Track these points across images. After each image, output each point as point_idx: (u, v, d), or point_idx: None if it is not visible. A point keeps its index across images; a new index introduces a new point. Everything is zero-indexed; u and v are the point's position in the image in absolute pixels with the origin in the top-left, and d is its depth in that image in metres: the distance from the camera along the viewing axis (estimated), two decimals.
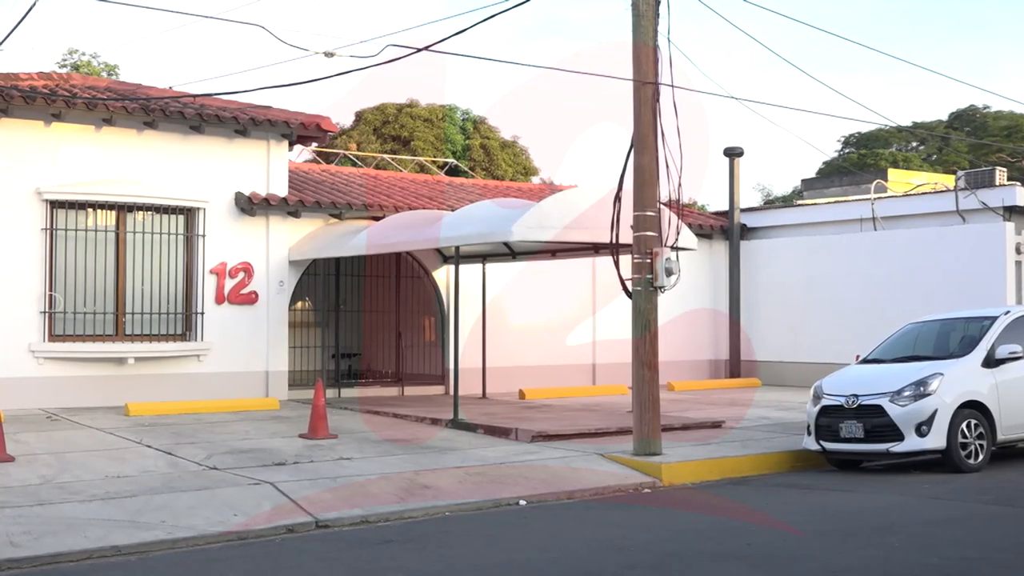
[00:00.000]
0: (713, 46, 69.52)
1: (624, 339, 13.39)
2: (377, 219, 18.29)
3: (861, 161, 46.04)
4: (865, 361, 13.48)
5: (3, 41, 14.08)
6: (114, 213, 16.87)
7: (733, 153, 23.76)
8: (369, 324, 20.99)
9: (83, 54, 38.23)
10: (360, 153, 30.48)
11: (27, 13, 11.82)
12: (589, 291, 21.26)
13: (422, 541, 8.71)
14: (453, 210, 17.98)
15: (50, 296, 16.13)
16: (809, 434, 12.61)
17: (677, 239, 12.74)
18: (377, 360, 21.34)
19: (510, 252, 18.02)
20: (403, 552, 8.32)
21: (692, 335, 22.80)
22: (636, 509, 10.35)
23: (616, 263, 12.59)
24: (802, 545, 8.48)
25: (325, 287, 19.77)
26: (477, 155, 38.68)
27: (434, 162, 30.16)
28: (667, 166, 12.26)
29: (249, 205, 17.58)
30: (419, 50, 12.66)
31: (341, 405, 17.07)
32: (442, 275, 19.76)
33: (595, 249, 16.20)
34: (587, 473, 11.44)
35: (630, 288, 12.34)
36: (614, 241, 12.52)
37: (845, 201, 23.71)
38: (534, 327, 20.59)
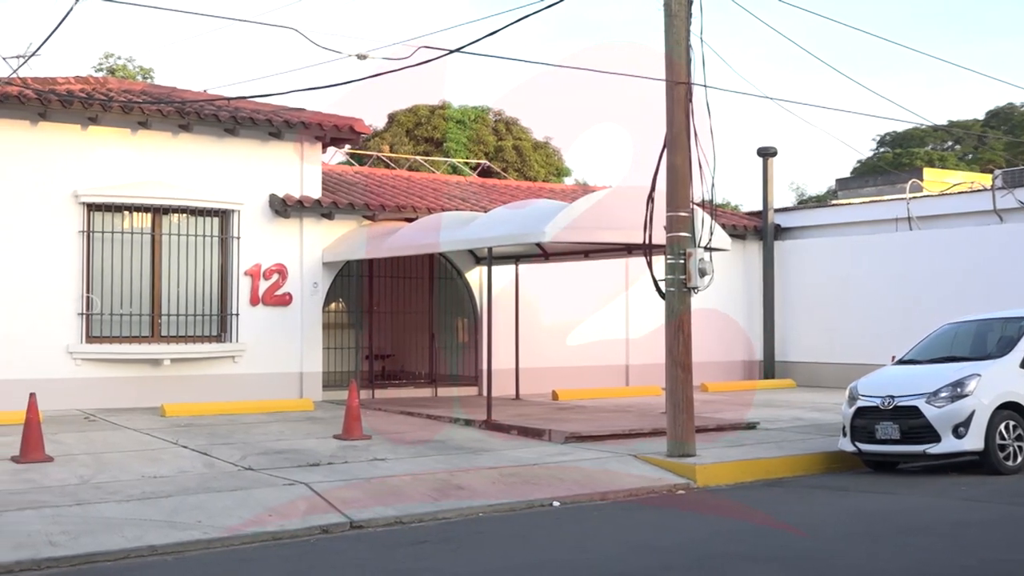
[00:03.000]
0: (746, 45, 69.28)
1: (657, 340, 13.36)
2: (410, 220, 18.33)
3: (896, 160, 45.70)
4: (901, 362, 13.38)
5: (40, 46, 14.22)
6: (150, 215, 17.00)
7: (767, 153, 23.65)
8: (402, 325, 21.02)
9: (119, 58, 38.56)
10: (393, 155, 30.56)
11: (64, 18, 11.94)
12: (622, 292, 21.22)
13: (456, 542, 8.72)
14: (486, 211, 17.98)
15: (87, 298, 16.28)
16: (844, 435, 12.53)
17: (710, 239, 12.67)
18: (410, 361, 21.39)
19: (543, 253, 18.01)
20: (437, 553, 8.33)
21: (726, 336, 22.71)
22: (670, 510, 10.32)
23: (649, 264, 12.56)
24: (836, 546, 8.42)
25: (359, 288, 19.83)
26: (509, 156, 38.67)
27: (467, 163, 30.20)
28: (700, 166, 12.23)
29: (283, 207, 17.67)
30: (451, 52, 12.68)
31: (375, 406, 17.12)
32: (475, 276, 19.78)
33: (628, 250, 16.16)
34: (621, 474, 11.42)
35: (663, 289, 12.29)
36: (647, 242, 12.48)
37: (880, 201, 23.54)
38: (567, 328, 20.57)
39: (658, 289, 12.40)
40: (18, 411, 12.16)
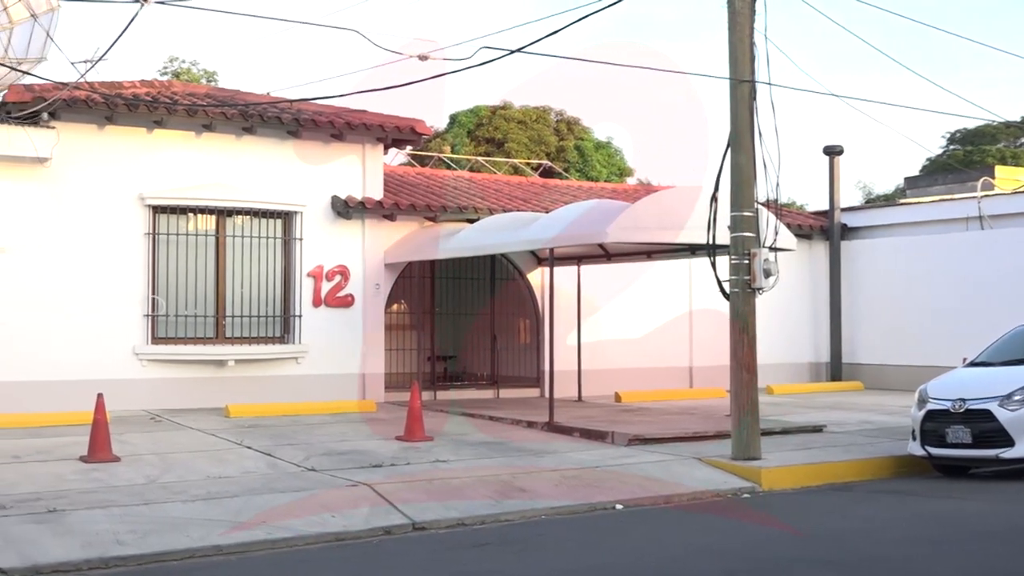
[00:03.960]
0: (811, 42, 68.56)
1: (722, 341, 13.29)
2: (472, 221, 18.38)
3: (967, 158, 44.96)
4: (973, 364, 13.16)
5: (107, 51, 14.43)
6: (214, 217, 17.22)
7: (833, 151, 23.40)
8: (464, 326, 21.08)
9: (183, 61, 39.14)
10: (454, 155, 30.69)
11: (129, 23, 12.12)
12: (686, 293, 21.10)
13: (518, 544, 8.73)
14: (548, 212, 17.98)
15: (153, 299, 16.53)
16: (914, 439, 12.35)
17: (775, 239, 12.58)
18: (472, 363, 21.45)
19: (605, 254, 17.97)
20: (500, 555, 8.35)
21: (791, 337, 22.50)
22: (735, 514, 10.25)
23: (713, 264, 12.48)
24: (903, 552, 8.31)
25: (420, 290, 19.93)
26: (571, 156, 38.64)
27: (528, 164, 30.22)
28: (764, 165, 12.14)
29: (345, 208, 17.81)
30: (512, 52, 12.70)
31: (437, 408, 17.18)
32: (537, 277, 19.79)
33: (691, 250, 16.08)
34: (685, 477, 11.36)
35: (727, 290, 12.22)
36: (711, 242, 12.40)
37: (950, 199, 23.18)
38: (630, 329, 20.50)
39: (722, 290, 12.32)
40: (86, 411, 12.37)
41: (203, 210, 17.08)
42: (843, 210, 23.74)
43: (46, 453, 12.04)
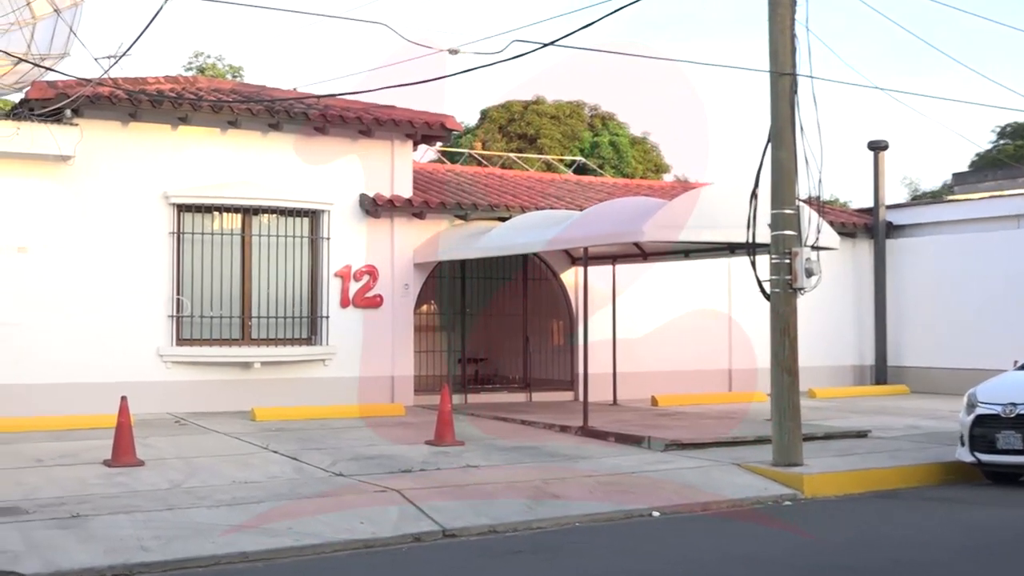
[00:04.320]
0: (855, 34, 68.12)
1: (762, 343, 13.23)
2: (503, 220, 18.40)
3: (1018, 152, 44.52)
4: None
5: (131, 46, 14.55)
6: (239, 216, 17.33)
7: (878, 146, 23.26)
8: (496, 328, 21.10)
9: (208, 56, 39.43)
10: (485, 152, 30.71)
11: (154, 18, 12.22)
12: (724, 293, 21.03)
13: (552, 552, 8.73)
14: (581, 210, 17.98)
15: (177, 300, 16.64)
16: (962, 445, 12.25)
17: (818, 238, 12.51)
18: (504, 365, 21.46)
19: (641, 253, 17.93)
20: (533, 563, 8.36)
21: (835, 339, 22.37)
22: (776, 522, 10.20)
23: (753, 264, 12.43)
24: (951, 562, 8.26)
25: (451, 290, 19.96)
26: (606, 152, 38.61)
27: (561, 160, 30.21)
28: (806, 161, 12.09)
29: (373, 207, 17.87)
30: (545, 45, 12.71)
31: (468, 411, 17.21)
32: (570, 277, 19.78)
33: (730, 249, 16.01)
34: (723, 484, 11.33)
35: (768, 290, 12.17)
36: (751, 240, 12.35)
37: (1000, 196, 22.97)
38: (667, 331, 20.43)
39: (762, 290, 12.28)
40: (109, 414, 12.46)
41: (228, 209, 17.19)
42: (888, 207, 23.58)
43: (69, 457, 12.16)
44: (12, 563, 7.76)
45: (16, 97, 18.58)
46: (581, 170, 29.33)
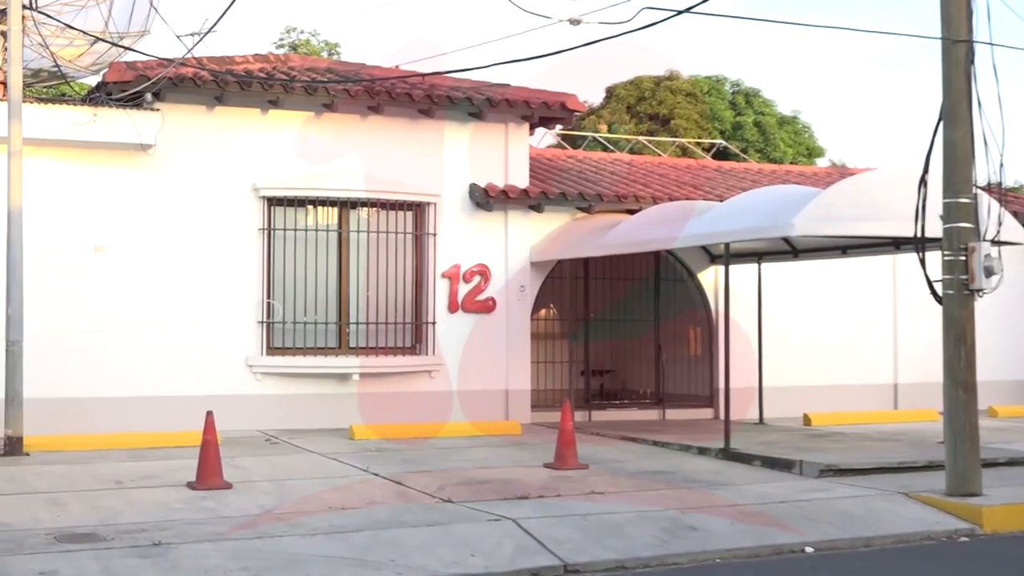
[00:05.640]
0: None
1: (933, 354, 12.98)
2: (632, 212, 18.33)
3: None
4: None
5: (217, 22, 14.88)
6: (336, 210, 17.53)
7: None
8: (624, 336, 21.04)
9: (301, 32, 40.11)
10: (611, 135, 30.67)
11: None
12: (888, 295, 20.69)
13: None
14: (722, 200, 17.83)
15: (268, 304, 16.90)
16: None
17: (999, 231, 12.22)
18: (633, 378, 21.39)
19: (791, 249, 17.74)
20: None
21: (1019, 349, 21.82)
22: (949, 561, 10.01)
23: (922, 261, 12.20)
24: None
25: (572, 292, 19.96)
26: (750, 134, 38.28)
27: (699, 144, 30.03)
28: (985, 142, 11.83)
29: (485, 198, 17.95)
30: (680, 12, 12.64)
31: (592, 430, 17.19)
32: (710, 277, 19.63)
33: (895, 244, 15.76)
34: (888, 516, 11.15)
35: (940, 291, 11.95)
36: (919, 235, 12.14)
37: None
38: (821, 339, 20.18)
39: (933, 292, 12.05)
40: (194, 431, 12.73)
41: (324, 202, 17.41)
42: None
43: (150, 478, 12.45)
44: None
45: (93, 80, 19.06)
46: (721, 155, 29.12)
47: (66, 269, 15.85)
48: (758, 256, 18.28)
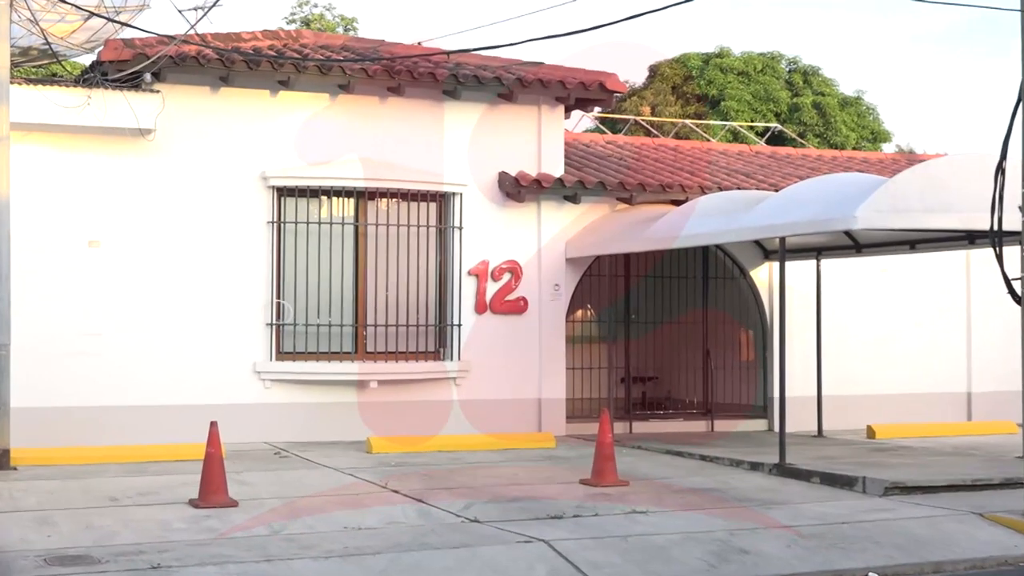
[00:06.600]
0: None
1: (1012, 359, 12.91)
2: (678, 203, 18.30)
3: None
4: None
5: None
6: (352, 201, 17.55)
7: None
8: (668, 339, 21.02)
9: (315, 6, 40.21)
10: (655, 119, 30.66)
11: None
12: (962, 296, 20.60)
13: None
14: (777, 189, 17.78)
15: (278, 304, 16.93)
16: None
17: None
18: (678, 386, 21.36)
19: (853, 244, 17.68)
20: None
21: None
22: None
23: (999, 257, 12.14)
24: None
25: (611, 291, 19.93)
26: (808, 117, 38.17)
27: (751, 128, 29.96)
28: None
29: (516, 188, 17.94)
30: None
31: (633, 443, 17.18)
32: (763, 275, 19.58)
33: (969, 238, 15.70)
34: (960, 538, 11.11)
35: (1018, 290, 11.89)
36: (996, 227, 12.08)
37: None
38: (886, 343, 20.10)
39: (1011, 291, 12.00)
40: (196, 443, 12.75)
41: (339, 192, 17.43)
42: None
43: (149, 495, 12.48)
44: None
45: (87, 59, 19.14)
46: (777, 139, 29.07)
47: (57, 266, 15.92)
48: (817, 251, 18.22)
